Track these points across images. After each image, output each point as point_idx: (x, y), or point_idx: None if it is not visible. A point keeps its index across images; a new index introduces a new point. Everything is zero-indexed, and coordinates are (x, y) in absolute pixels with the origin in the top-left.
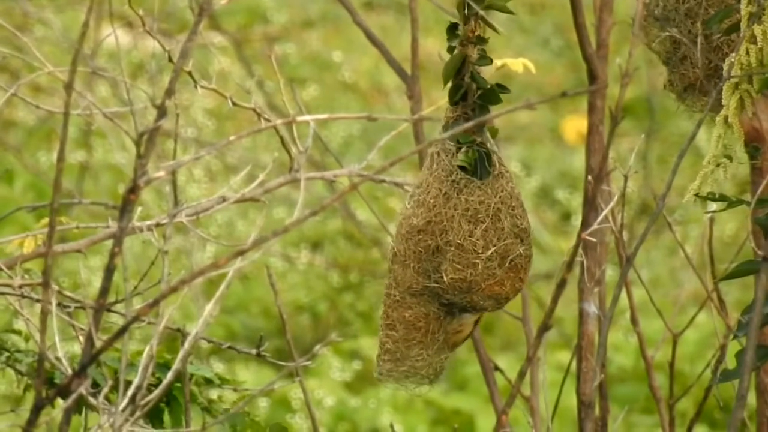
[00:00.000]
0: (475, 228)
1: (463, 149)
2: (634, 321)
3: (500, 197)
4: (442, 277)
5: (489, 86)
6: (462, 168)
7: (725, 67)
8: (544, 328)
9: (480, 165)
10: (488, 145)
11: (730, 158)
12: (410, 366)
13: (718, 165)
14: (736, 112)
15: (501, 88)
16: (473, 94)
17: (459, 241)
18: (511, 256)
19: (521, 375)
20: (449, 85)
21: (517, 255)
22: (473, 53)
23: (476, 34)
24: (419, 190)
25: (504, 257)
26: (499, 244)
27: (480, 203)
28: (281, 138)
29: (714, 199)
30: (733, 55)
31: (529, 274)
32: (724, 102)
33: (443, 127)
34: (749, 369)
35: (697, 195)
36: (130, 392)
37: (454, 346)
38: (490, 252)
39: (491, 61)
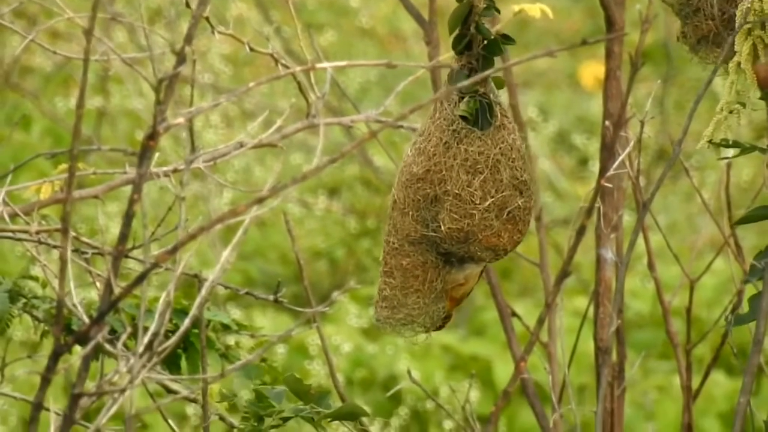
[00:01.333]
0: (474, 178)
1: (465, 99)
2: (651, 267)
3: (500, 149)
4: (439, 226)
5: (493, 37)
6: (464, 118)
7: (738, 13)
8: (564, 274)
9: (481, 115)
10: (491, 96)
11: (743, 104)
12: (407, 314)
13: (731, 111)
14: (749, 58)
15: (506, 39)
16: (478, 45)
17: (457, 191)
18: (509, 207)
19: (540, 322)
20: (455, 34)
21: (516, 207)
22: (480, 3)
23: None
24: (420, 138)
25: (502, 209)
26: (497, 196)
27: (479, 154)
28: (299, 84)
29: (728, 146)
30: (747, 1)
31: (530, 226)
32: (737, 48)
33: (448, 76)
34: (765, 313)
35: (710, 141)
36: (146, 339)
37: (459, 301)
38: (487, 203)
39: (497, 11)
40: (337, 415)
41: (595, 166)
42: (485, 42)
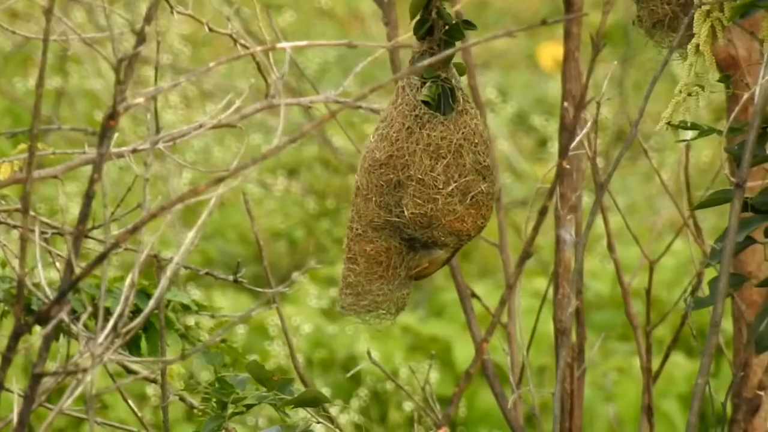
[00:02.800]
0: (437, 163)
1: (427, 84)
2: (610, 248)
3: (463, 133)
4: (403, 212)
5: (455, 22)
6: (426, 103)
7: None
8: (525, 255)
9: (444, 100)
10: (453, 81)
11: (702, 87)
12: (371, 300)
13: (690, 94)
14: (708, 40)
15: (467, 24)
16: (439, 30)
17: (420, 176)
18: (472, 192)
19: (502, 303)
20: (416, 19)
21: (479, 192)
22: None
23: None
24: (383, 124)
25: (465, 193)
26: (461, 180)
27: (442, 139)
28: (258, 64)
29: (686, 128)
30: None
31: (492, 211)
32: (695, 30)
33: (410, 62)
34: (723, 296)
35: (669, 123)
36: (111, 321)
37: (417, 279)
38: (450, 188)
39: None
40: (299, 401)
41: (554, 147)
42: (446, 27)
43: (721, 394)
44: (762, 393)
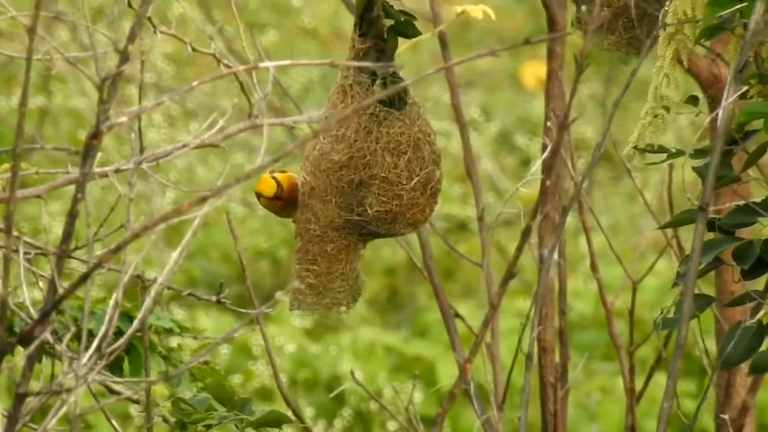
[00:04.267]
0: (399, 159)
1: (378, 82)
2: (594, 267)
3: (418, 126)
4: (365, 210)
5: (404, 19)
6: (381, 101)
7: (660, 17)
8: (509, 276)
9: (396, 96)
10: (399, 74)
11: (667, 109)
12: (332, 298)
13: (656, 116)
14: (673, 62)
15: (408, 15)
16: (382, 26)
17: (384, 174)
18: (432, 183)
19: (485, 324)
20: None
21: (436, 181)
22: None
23: None
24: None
25: (426, 185)
26: (422, 173)
27: (401, 134)
28: (241, 84)
29: (653, 151)
30: (668, 4)
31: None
32: (659, 53)
33: (353, 59)
34: (687, 318)
35: (635, 147)
36: (96, 342)
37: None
38: (414, 182)
39: None
40: (261, 422)
41: (536, 167)
42: (393, 23)
43: (707, 414)
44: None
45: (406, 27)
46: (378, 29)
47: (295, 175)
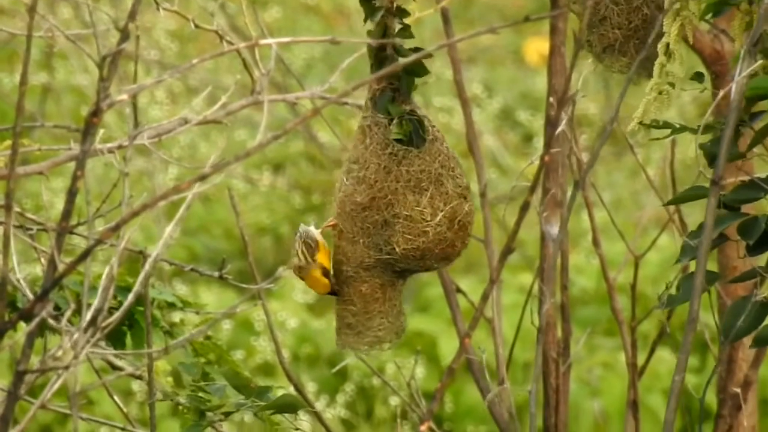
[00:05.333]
0: (421, 197)
1: (395, 121)
2: (596, 243)
3: (439, 162)
4: (394, 249)
5: (414, 59)
6: (398, 140)
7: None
8: (507, 251)
9: (414, 134)
10: (418, 111)
11: (672, 85)
12: (373, 336)
13: (660, 92)
14: (678, 39)
15: (419, 50)
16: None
17: (407, 213)
18: (458, 217)
19: (484, 298)
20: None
21: (464, 214)
22: (393, 24)
23: (395, 5)
24: (356, 167)
25: (452, 219)
26: (446, 209)
27: (421, 172)
28: (243, 60)
29: (657, 127)
30: None
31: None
32: (665, 29)
33: (370, 100)
34: (699, 293)
35: (641, 123)
36: (89, 314)
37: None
38: (438, 218)
39: (411, 35)
40: (277, 407)
41: (539, 143)
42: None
43: (709, 389)
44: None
45: (416, 67)
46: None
47: (324, 241)
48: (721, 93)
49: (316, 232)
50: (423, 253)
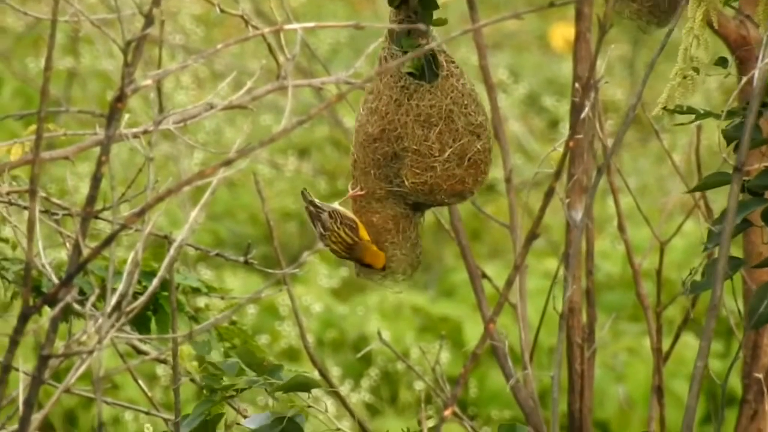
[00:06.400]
0: (429, 132)
1: (409, 55)
2: (621, 228)
3: (451, 98)
4: (403, 182)
5: None
6: (411, 74)
7: None
8: (532, 236)
9: (427, 68)
10: (434, 47)
11: (697, 70)
12: (386, 266)
13: (684, 77)
14: (702, 24)
15: None
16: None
17: (415, 147)
18: (469, 154)
19: (509, 283)
20: None
21: (476, 152)
22: None
23: None
24: (371, 97)
25: (462, 156)
26: (455, 145)
27: (431, 107)
28: (269, 45)
29: (681, 112)
30: None
31: (490, 169)
32: (690, 14)
33: (388, 32)
34: (722, 279)
35: (665, 108)
36: (113, 299)
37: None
38: (446, 154)
39: None
40: (290, 386)
41: (565, 128)
42: None
43: (732, 375)
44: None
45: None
46: (410, 3)
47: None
48: (745, 79)
49: (347, 211)
50: (431, 188)
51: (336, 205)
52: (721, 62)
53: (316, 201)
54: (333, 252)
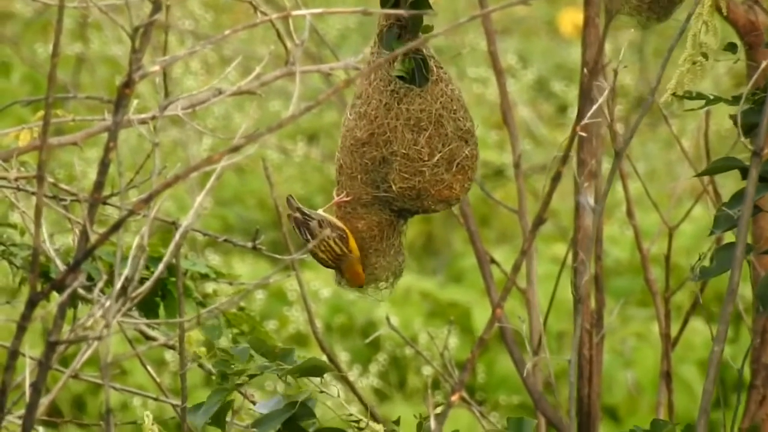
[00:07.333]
0: (419, 136)
1: (398, 58)
2: (630, 214)
3: (441, 102)
4: (390, 187)
5: None
6: (401, 78)
7: None
8: (539, 221)
9: (417, 72)
10: (424, 50)
11: (706, 56)
12: (369, 274)
13: (694, 63)
14: (711, 10)
15: None
16: (405, 2)
17: (404, 151)
18: (457, 159)
19: (516, 268)
20: None
21: (464, 157)
22: None
23: None
24: (359, 101)
25: (450, 161)
26: (444, 150)
27: (421, 111)
28: (277, 31)
29: (690, 98)
30: None
31: (477, 173)
32: (698, 0)
33: (377, 36)
34: (740, 263)
35: (674, 94)
36: (118, 284)
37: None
38: (436, 158)
39: None
40: (301, 370)
41: (574, 113)
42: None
43: (740, 361)
44: None
45: (420, 2)
46: (399, 4)
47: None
48: (764, 64)
49: (336, 220)
50: (419, 193)
51: (321, 212)
52: (730, 48)
53: (304, 208)
54: (319, 261)
